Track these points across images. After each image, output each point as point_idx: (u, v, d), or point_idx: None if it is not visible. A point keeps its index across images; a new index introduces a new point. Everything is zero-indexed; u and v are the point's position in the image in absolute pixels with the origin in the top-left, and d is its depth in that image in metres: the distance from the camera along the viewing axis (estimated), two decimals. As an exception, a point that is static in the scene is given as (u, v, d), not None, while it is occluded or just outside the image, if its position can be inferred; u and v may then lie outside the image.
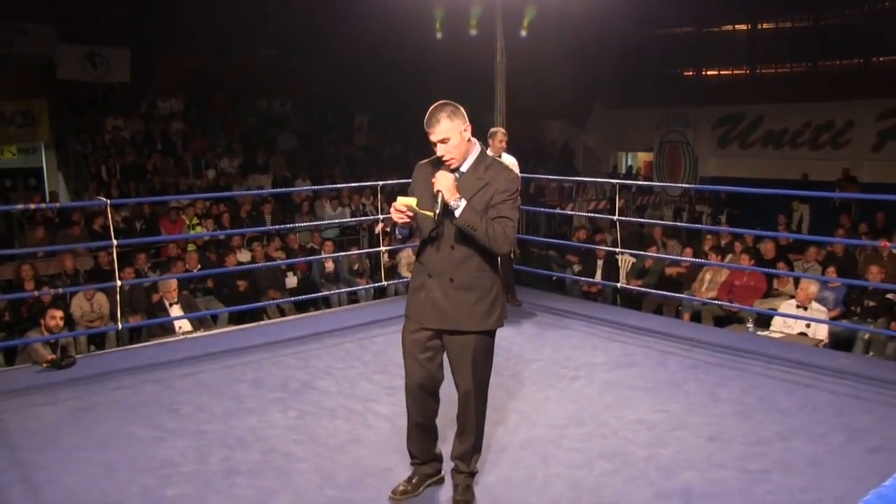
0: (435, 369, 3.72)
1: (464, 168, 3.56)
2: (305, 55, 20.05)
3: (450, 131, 3.45)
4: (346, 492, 3.95)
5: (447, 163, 3.51)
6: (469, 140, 3.55)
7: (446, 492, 3.93)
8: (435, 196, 3.46)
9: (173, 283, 8.74)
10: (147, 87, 18.78)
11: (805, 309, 7.69)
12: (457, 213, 3.43)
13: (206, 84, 19.53)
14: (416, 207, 3.49)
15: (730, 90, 19.95)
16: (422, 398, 3.75)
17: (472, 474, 3.82)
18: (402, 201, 3.48)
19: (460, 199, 3.43)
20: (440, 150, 3.49)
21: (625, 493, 3.92)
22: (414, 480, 3.91)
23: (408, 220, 3.50)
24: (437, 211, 3.44)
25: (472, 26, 10.00)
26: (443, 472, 3.97)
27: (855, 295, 8.64)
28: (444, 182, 3.43)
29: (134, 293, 9.26)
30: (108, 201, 6.75)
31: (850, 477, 4.03)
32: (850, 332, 7.93)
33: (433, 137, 3.47)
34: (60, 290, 7.91)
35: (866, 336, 7.79)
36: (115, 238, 6.54)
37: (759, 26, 19.79)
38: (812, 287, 7.85)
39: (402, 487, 3.88)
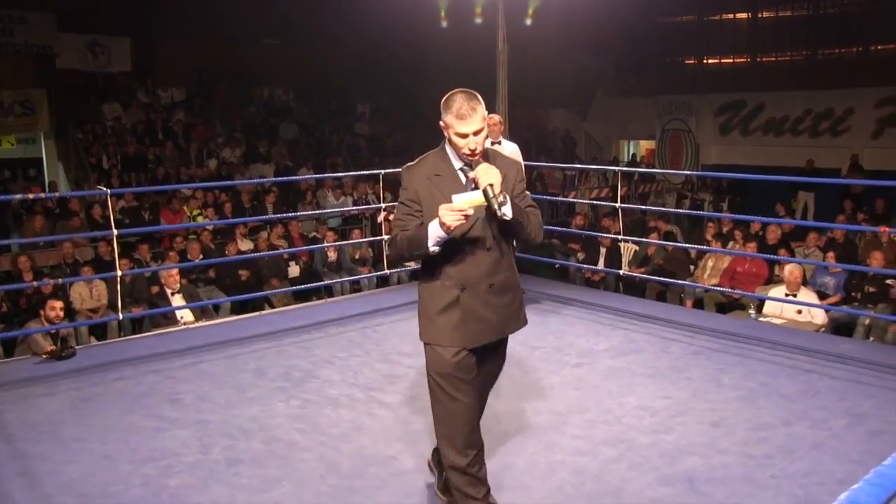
0: (479, 393, 3.40)
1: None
2: (308, 44, 20.02)
3: (484, 121, 3.10)
4: (350, 480, 3.96)
5: (474, 157, 3.12)
6: None
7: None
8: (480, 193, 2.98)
9: (175, 273, 8.73)
10: (148, 77, 18.75)
11: (795, 296, 7.67)
12: (507, 210, 3.05)
13: (208, 73, 19.51)
14: (481, 204, 2.99)
15: (731, 78, 19.90)
16: (474, 430, 3.33)
17: None
18: (463, 200, 2.96)
19: (505, 193, 3.06)
20: (472, 143, 3.09)
21: (629, 480, 3.91)
22: None
23: (464, 221, 2.98)
24: (496, 208, 2.97)
25: (477, 14, 9.94)
26: None
27: (855, 281, 8.62)
28: (494, 176, 2.97)
29: (135, 283, 9.25)
30: (109, 191, 6.74)
31: (851, 461, 4.03)
32: (851, 318, 7.92)
33: (469, 128, 3.07)
34: (60, 281, 7.89)
35: (867, 321, 7.78)
36: (117, 228, 6.53)
37: (760, 15, 19.74)
38: (797, 272, 7.82)
39: None
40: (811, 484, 3.82)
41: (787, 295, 7.65)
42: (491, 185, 2.94)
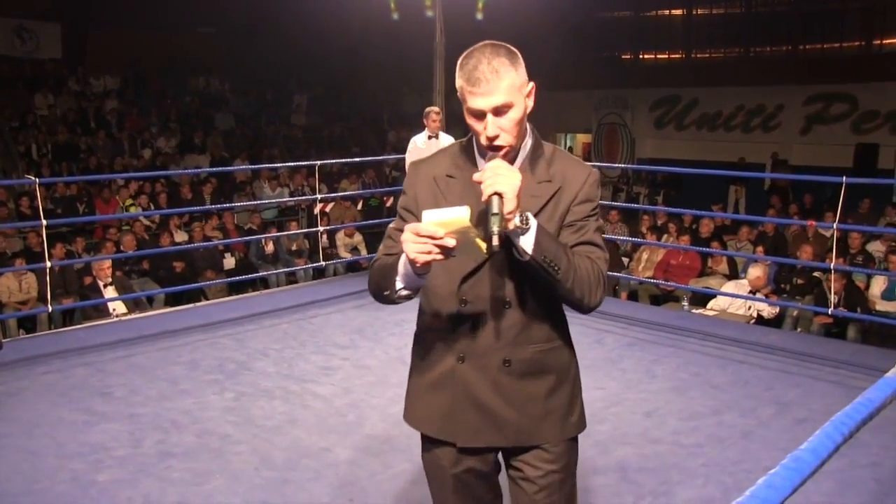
0: None
1: (517, 163, 2.00)
2: (244, 34, 19.75)
3: (512, 92, 1.87)
4: (284, 472, 3.92)
5: (498, 151, 1.92)
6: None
7: None
8: (485, 208, 1.80)
9: (107, 264, 8.52)
10: (80, 64, 18.22)
11: (755, 293, 7.95)
12: (526, 241, 1.82)
13: (143, 62, 19.07)
14: (467, 228, 1.76)
15: (666, 73, 20.29)
16: None
17: None
18: (437, 219, 1.75)
19: (527, 215, 1.82)
20: (491, 128, 1.88)
21: (562, 469, 3.95)
22: None
23: (440, 256, 1.77)
24: (495, 233, 1.74)
25: (427, 7, 9.95)
26: None
27: (784, 273, 8.88)
28: (506, 182, 1.76)
29: (66, 275, 9.00)
30: (37, 180, 6.54)
31: (778, 448, 4.14)
32: (780, 309, 8.18)
33: (486, 102, 1.87)
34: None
35: (795, 313, 8.03)
36: (51, 218, 6.34)
37: (695, 12, 20.17)
38: (762, 276, 8.15)
39: None
40: (739, 471, 3.92)
41: (749, 292, 8.00)
42: (499, 196, 1.75)
